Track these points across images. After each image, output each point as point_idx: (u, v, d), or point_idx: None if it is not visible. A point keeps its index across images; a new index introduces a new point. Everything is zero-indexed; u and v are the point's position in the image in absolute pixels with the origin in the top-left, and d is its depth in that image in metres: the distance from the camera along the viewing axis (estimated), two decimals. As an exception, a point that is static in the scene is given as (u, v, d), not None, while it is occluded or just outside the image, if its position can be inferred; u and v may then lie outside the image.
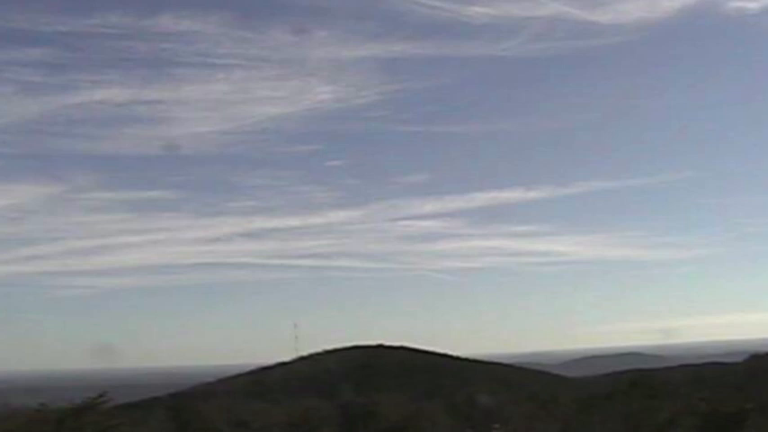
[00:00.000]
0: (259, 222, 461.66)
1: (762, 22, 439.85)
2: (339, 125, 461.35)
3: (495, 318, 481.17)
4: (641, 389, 61.14)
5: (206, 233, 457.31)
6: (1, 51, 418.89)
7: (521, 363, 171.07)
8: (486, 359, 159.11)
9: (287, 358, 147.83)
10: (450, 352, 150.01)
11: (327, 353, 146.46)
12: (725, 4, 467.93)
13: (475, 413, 72.50)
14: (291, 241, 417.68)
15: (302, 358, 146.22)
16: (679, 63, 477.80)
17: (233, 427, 61.14)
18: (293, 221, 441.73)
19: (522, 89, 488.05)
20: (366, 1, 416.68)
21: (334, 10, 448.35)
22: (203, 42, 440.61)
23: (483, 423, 69.28)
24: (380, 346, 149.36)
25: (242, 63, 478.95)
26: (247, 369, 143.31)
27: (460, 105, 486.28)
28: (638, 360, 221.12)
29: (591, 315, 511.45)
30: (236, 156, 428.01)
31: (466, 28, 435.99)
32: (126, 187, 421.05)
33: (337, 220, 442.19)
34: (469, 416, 72.00)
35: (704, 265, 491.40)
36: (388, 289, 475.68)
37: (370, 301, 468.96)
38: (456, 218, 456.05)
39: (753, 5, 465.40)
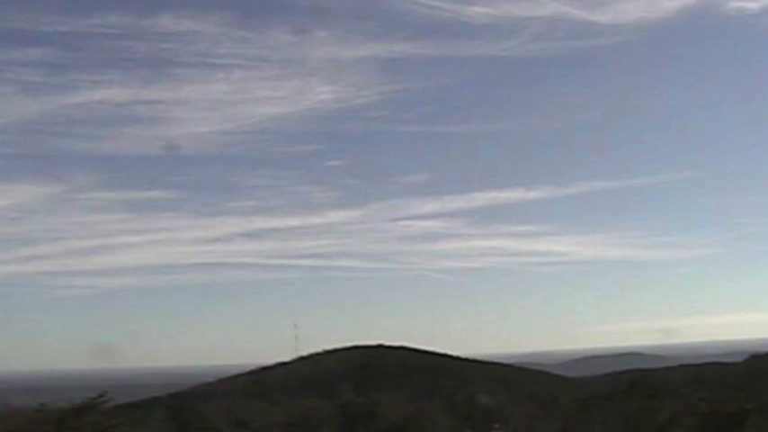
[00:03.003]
0: (259, 222, 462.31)
1: (762, 22, 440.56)
2: (339, 125, 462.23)
3: (495, 318, 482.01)
4: (641, 389, 61.13)
5: (206, 233, 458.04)
6: (1, 51, 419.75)
7: (521, 363, 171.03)
8: (486, 359, 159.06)
9: (287, 358, 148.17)
10: (450, 352, 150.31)
11: (327, 353, 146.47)
12: (725, 4, 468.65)
13: (475, 413, 72.48)
14: (291, 241, 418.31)
15: (302, 358, 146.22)
16: (679, 63, 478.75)
17: (233, 427, 61.13)
18: (293, 221, 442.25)
19: (522, 89, 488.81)
20: (366, 1, 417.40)
21: (334, 10, 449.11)
22: (203, 42, 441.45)
23: (483, 423, 69.26)
24: (380, 346, 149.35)
25: (242, 63, 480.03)
26: (247, 369, 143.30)
27: (460, 105, 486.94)
28: (638, 360, 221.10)
29: (591, 315, 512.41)
30: (236, 156, 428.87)
31: (466, 28, 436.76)
32: (126, 187, 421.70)
33: (337, 220, 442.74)
34: (469, 416, 71.99)
35: (704, 265, 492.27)
36: (388, 289, 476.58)
37: (370, 301, 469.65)
38: (456, 218, 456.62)
39: (753, 5, 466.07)
